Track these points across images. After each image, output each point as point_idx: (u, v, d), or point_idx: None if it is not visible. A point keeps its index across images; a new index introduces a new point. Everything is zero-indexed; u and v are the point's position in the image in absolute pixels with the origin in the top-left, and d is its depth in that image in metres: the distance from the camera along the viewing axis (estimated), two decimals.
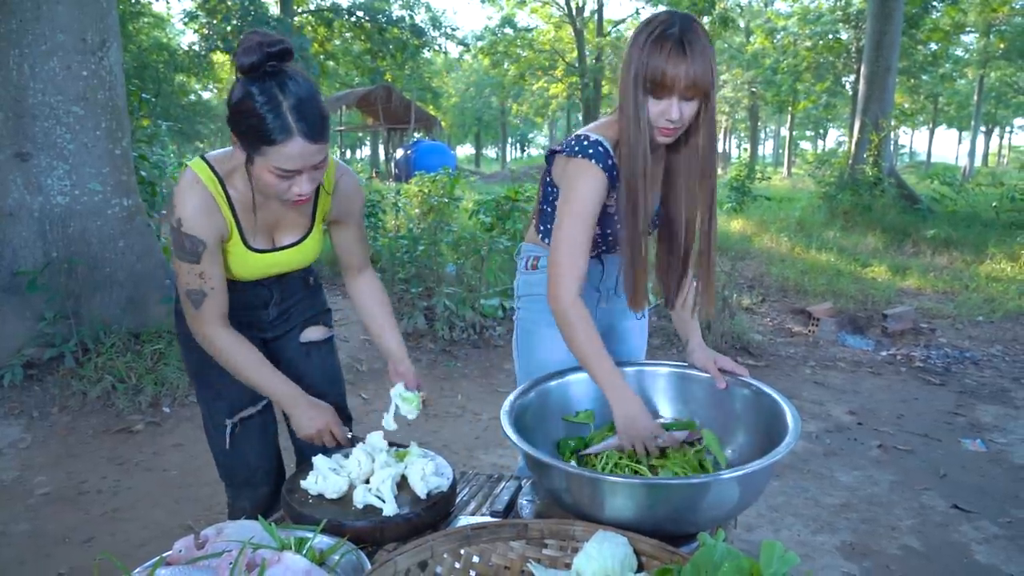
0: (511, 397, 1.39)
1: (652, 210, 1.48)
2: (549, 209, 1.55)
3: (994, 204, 9.77)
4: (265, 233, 1.44)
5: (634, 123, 1.31)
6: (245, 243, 1.41)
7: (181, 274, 1.34)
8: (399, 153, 18.39)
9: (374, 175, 14.28)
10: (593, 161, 1.36)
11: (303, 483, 1.35)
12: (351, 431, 1.53)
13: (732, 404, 1.45)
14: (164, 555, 1.14)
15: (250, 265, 1.44)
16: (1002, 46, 23.43)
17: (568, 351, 1.46)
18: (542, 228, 1.60)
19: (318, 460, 1.37)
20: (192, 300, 1.35)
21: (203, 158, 1.36)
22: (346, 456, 1.42)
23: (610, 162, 1.38)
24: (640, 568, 1.06)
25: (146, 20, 19.87)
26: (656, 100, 1.30)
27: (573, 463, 1.37)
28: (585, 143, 1.38)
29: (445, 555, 1.09)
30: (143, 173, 4.66)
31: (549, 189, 1.54)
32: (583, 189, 1.36)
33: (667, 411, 1.51)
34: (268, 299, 1.57)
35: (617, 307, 1.67)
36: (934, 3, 18.09)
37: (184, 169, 1.36)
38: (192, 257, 1.31)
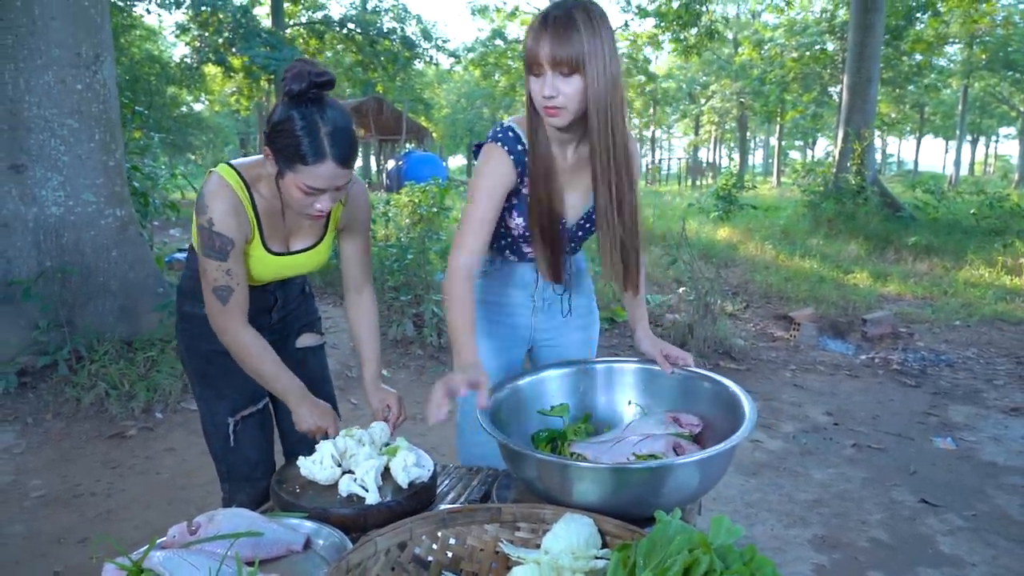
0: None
1: (584, 202, 1.54)
2: None
3: (972, 211, 9.96)
4: (282, 238, 1.54)
5: (528, 105, 1.38)
6: (265, 246, 1.50)
7: (209, 271, 1.42)
8: (390, 164, 18.47)
9: (366, 186, 14.35)
10: (499, 144, 1.44)
11: (300, 461, 1.42)
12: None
13: (697, 397, 1.53)
14: (159, 540, 1.21)
15: (267, 267, 1.54)
16: (984, 57, 23.82)
17: (503, 361, 1.53)
18: None
19: (326, 445, 1.44)
20: (219, 296, 1.43)
21: (230, 164, 1.45)
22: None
23: (519, 147, 1.45)
24: (604, 546, 1.14)
25: (138, 33, 19.93)
26: (534, 78, 1.33)
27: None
28: (497, 129, 1.46)
29: (423, 537, 1.17)
30: (136, 184, 4.74)
31: None
32: (487, 169, 1.43)
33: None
34: (272, 304, 1.66)
35: (554, 322, 1.70)
36: (917, 15, 18.40)
37: (210, 173, 1.44)
38: (221, 255, 1.40)
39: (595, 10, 1.30)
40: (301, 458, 1.44)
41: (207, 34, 15.79)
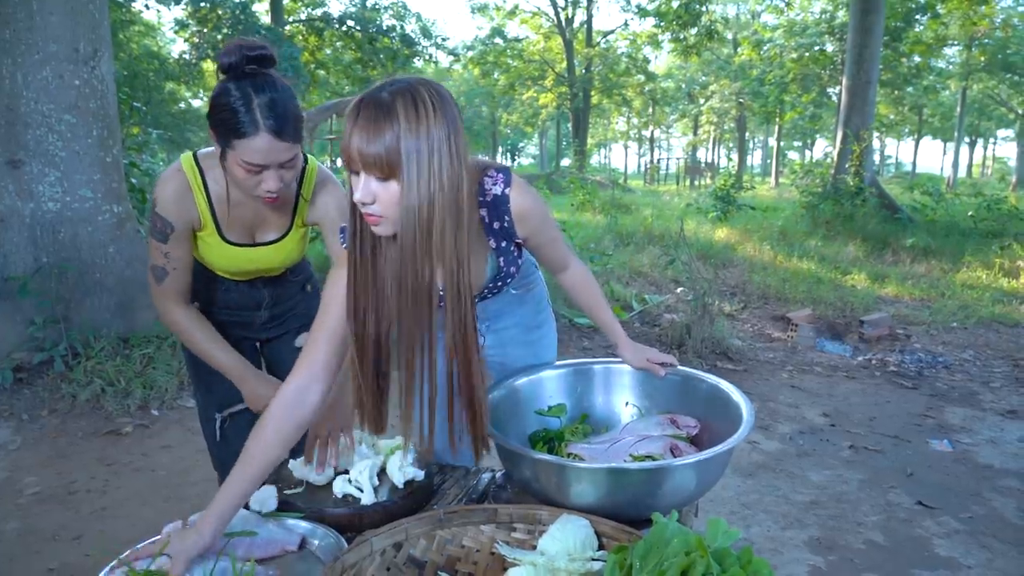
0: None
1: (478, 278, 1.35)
2: None
3: (970, 213, 9.98)
4: (245, 229, 1.52)
5: (349, 203, 1.12)
6: (220, 235, 1.48)
7: (150, 251, 1.46)
8: None
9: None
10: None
11: (291, 464, 1.42)
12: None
13: (694, 399, 1.53)
14: (153, 539, 1.21)
15: (227, 257, 1.52)
16: (983, 59, 23.88)
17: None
18: None
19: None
20: (155, 276, 1.47)
21: (193, 153, 1.47)
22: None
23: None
24: (601, 548, 1.14)
25: (137, 29, 19.91)
26: (353, 175, 1.07)
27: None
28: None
29: (419, 538, 1.17)
30: (133, 180, 4.72)
31: None
32: (334, 289, 1.22)
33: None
34: (261, 301, 1.65)
35: (496, 339, 1.63)
36: (916, 16, 18.44)
37: (176, 160, 1.47)
38: (160, 237, 1.43)
39: (427, 96, 1.02)
40: (292, 461, 1.44)
41: (206, 30, 15.75)
